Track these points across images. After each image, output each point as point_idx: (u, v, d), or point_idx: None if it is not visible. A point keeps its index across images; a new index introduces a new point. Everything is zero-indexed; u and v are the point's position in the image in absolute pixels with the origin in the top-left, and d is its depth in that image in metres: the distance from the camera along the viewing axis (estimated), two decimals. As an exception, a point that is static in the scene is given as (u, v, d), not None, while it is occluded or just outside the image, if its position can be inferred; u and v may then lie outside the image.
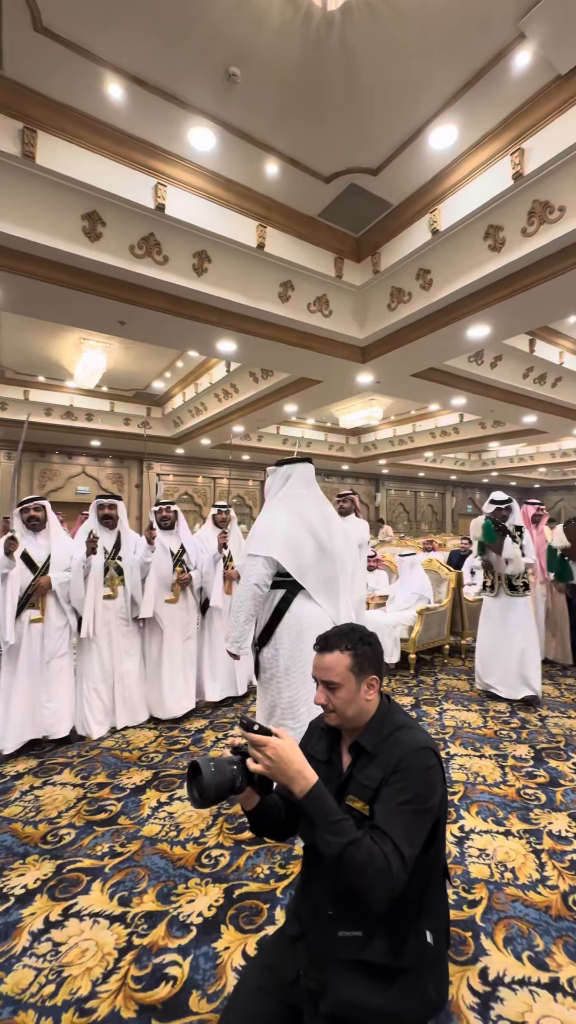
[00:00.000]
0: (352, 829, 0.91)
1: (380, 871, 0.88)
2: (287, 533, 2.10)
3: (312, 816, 0.92)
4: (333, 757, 1.14)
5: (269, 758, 0.93)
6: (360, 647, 1.08)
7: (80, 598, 3.04)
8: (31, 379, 9.22)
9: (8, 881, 1.82)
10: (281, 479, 2.29)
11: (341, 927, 0.98)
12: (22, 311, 4.61)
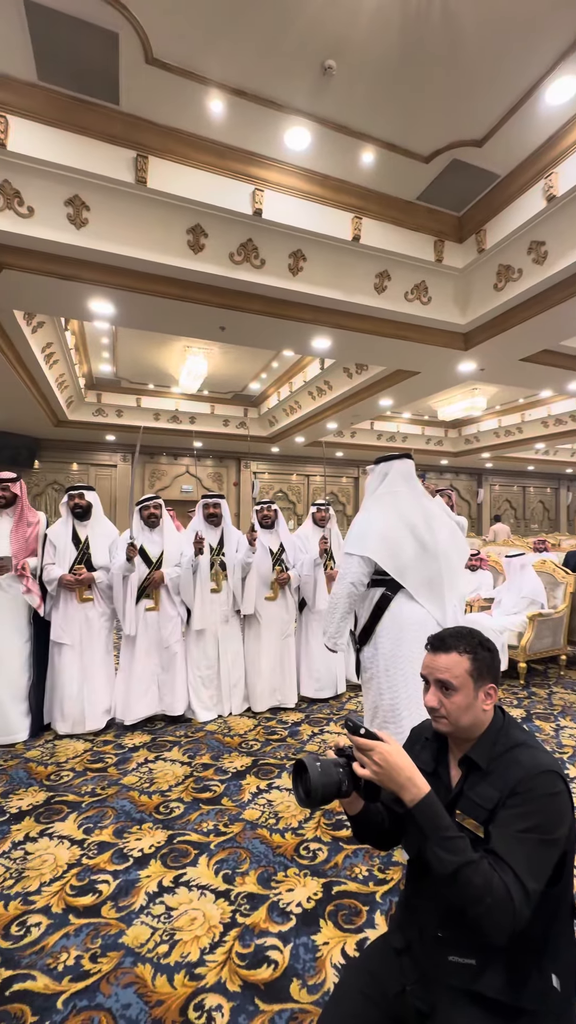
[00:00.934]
0: (468, 848, 0.84)
1: (500, 901, 0.80)
2: (383, 532, 2.06)
3: (423, 828, 0.87)
4: (440, 769, 1.07)
5: (377, 764, 0.89)
6: (480, 651, 1.01)
7: (190, 593, 3.28)
8: (142, 387, 10.06)
9: (128, 843, 2.01)
10: (378, 477, 2.24)
11: (451, 952, 0.91)
12: (135, 325, 5.04)
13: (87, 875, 1.83)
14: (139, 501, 3.36)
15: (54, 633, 3.05)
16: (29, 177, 3.31)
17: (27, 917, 1.63)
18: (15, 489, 3.04)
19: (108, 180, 3.43)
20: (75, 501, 3.18)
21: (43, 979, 1.41)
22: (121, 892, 1.74)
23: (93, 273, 3.93)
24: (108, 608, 3.21)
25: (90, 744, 2.93)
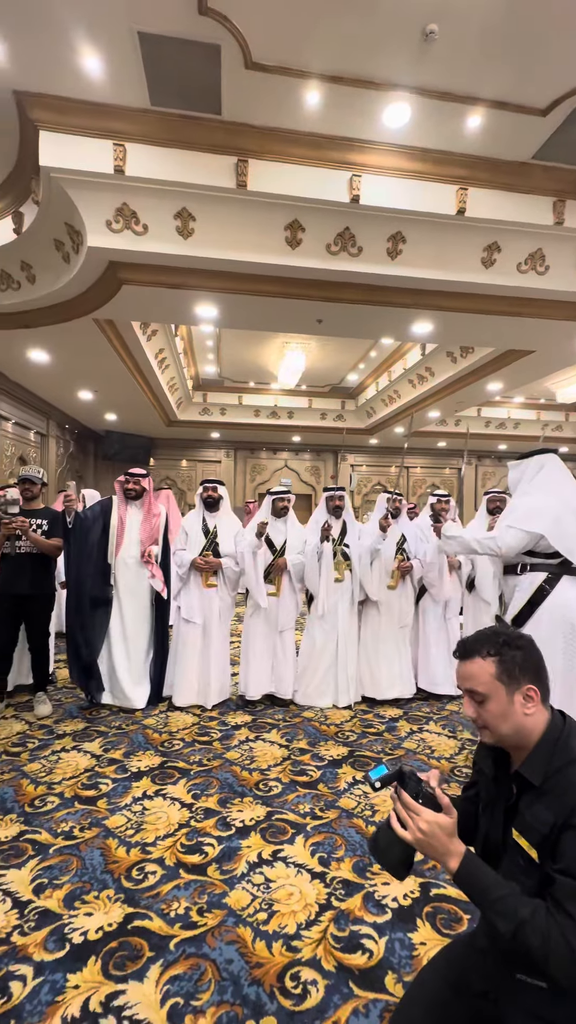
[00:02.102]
0: (519, 905, 0.76)
1: (561, 957, 0.72)
2: (556, 513, 2.13)
3: (471, 897, 0.81)
4: (500, 775, 0.98)
5: (421, 831, 0.84)
6: (507, 651, 0.90)
7: (315, 581, 3.40)
8: (244, 386, 10.49)
9: (231, 813, 2.14)
10: (535, 467, 2.32)
11: (520, 970, 0.84)
12: (237, 325, 5.26)
13: (195, 836, 1.98)
14: (272, 492, 3.55)
15: (184, 612, 3.37)
16: (143, 197, 3.61)
17: (145, 864, 1.82)
18: (144, 483, 3.38)
19: (212, 189, 3.61)
20: (208, 493, 3.46)
21: (158, 921, 1.56)
22: (224, 857, 1.86)
23: (199, 279, 4.18)
24: (230, 595, 3.48)
25: (197, 719, 3.16)
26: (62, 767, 2.51)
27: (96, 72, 3.10)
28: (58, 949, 1.46)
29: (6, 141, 3.67)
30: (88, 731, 2.94)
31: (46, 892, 1.68)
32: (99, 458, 11.53)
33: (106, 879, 1.74)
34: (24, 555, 3.10)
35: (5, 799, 2.22)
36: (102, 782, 2.38)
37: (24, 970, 1.40)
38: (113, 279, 4.10)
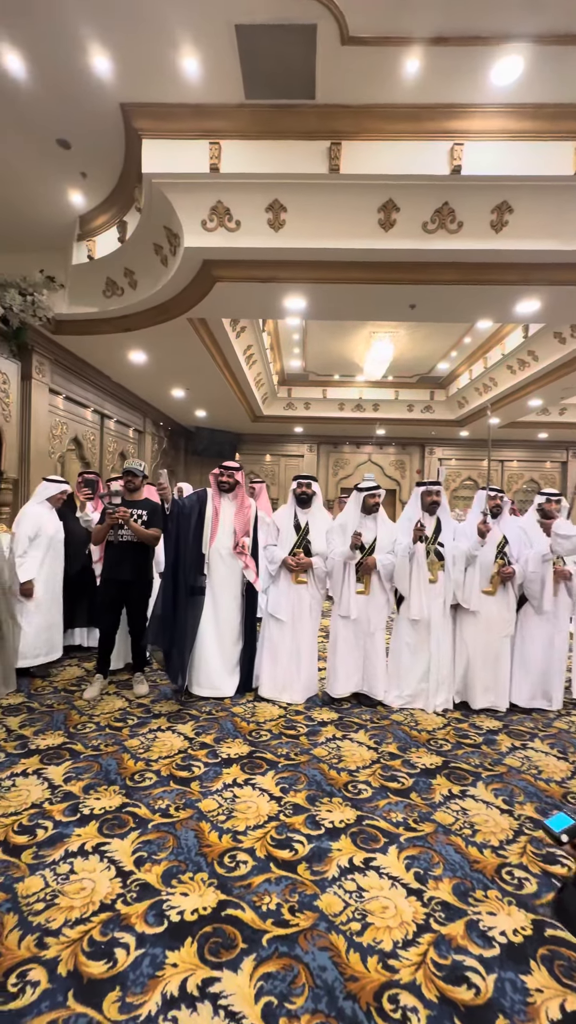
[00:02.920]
0: None
1: None
2: None
3: None
4: None
5: None
6: None
7: (405, 582, 3.27)
8: (328, 379, 10.39)
9: (320, 812, 2.09)
10: None
11: None
12: (324, 316, 5.18)
13: (284, 831, 1.96)
14: (361, 488, 3.45)
15: (271, 607, 3.39)
16: (236, 192, 3.66)
17: (236, 853, 1.83)
18: (238, 476, 3.45)
19: (303, 177, 3.56)
20: (303, 489, 3.45)
21: (250, 913, 1.56)
22: (314, 857, 1.82)
23: (288, 272, 4.16)
24: (320, 592, 3.44)
25: (283, 711, 3.16)
26: (158, 746, 2.63)
27: (194, 73, 3.17)
28: (157, 924, 1.51)
29: (113, 154, 3.91)
30: (181, 713, 3.06)
31: (145, 866, 1.75)
32: (189, 453, 12.11)
33: (200, 862, 1.78)
34: (126, 544, 3.30)
35: (109, 771, 2.37)
36: (195, 765, 2.45)
37: (127, 939, 1.46)
38: (207, 277, 4.21)
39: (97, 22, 2.85)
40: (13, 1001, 1.27)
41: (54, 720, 2.90)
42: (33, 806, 2.07)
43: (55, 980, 1.33)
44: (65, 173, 4.18)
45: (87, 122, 3.59)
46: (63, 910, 1.55)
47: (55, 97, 3.37)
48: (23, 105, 3.46)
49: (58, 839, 1.88)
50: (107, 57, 3.05)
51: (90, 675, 3.64)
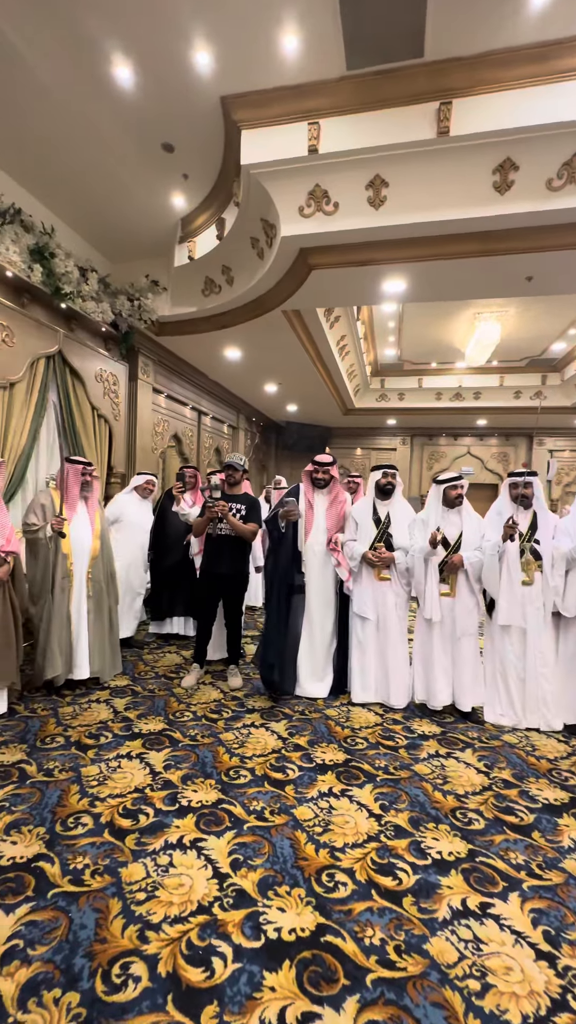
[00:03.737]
0: None
1: None
2: None
3: None
4: None
5: None
6: None
7: (494, 583, 2.95)
8: (425, 367, 9.84)
9: (425, 839, 1.90)
10: None
11: None
12: (426, 298, 4.82)
13: (386, 855, 1.81)
14: (440, 480, 3.17)
15: (356, 605, 3.23)
16: (334, 173, 3.49)
17: (335, 872, 1.72)
18: (333, 471, 3.33)
19: (408, 146, 3.29)
20: (387, 479, 3.25)
21: (352, 944, 1.43)
22: (422, 891, 1.64)
23: (387, 252, 3.91)
24: (404, 590, 3.20)
25: (380, 718, 2.99)
26: (252, 743, 2.61)
27: (293, 52, 3.06)
28: (254, 938, 1.44)
29: (213, 151, 3.95)
30: (274, 711, 3.02)
31: (242, 871, 1.70)
32: (280, 448, 12.22)
33: (296, 875, 1.69)
34: (224, 537, 3.33)
35: (206, 763, 2.39)
36: (289, 767, 2.38)
37: (224, 948, 1.41)
38: (303, 266, 4.11)
39: (200, 15, 2.85)
40: (117, 993, 1.27)
41: (155, 705, 3.02)
42: (136, 790, 2.14)
43: (155, 980, 1.31)
44: (169, 177, 4.31)
45: (189, 122, 3.65)
46: (163, 904, 1.55)
47: (160, 101, 3.46)
48: (131, 114, 3.60)
49: (159, 828, 1.91)
50: (208, 51, 3.05)
51: (188, 664, 3.76)
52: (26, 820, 1.91)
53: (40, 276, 4.25)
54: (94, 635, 3.22)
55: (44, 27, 2.95)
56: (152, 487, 4.06)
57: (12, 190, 4.28)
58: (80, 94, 3.44)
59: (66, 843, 1.80)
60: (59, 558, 3.06)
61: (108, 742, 2.54)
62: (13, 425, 4.14)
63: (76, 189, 4.48)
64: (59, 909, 1.52)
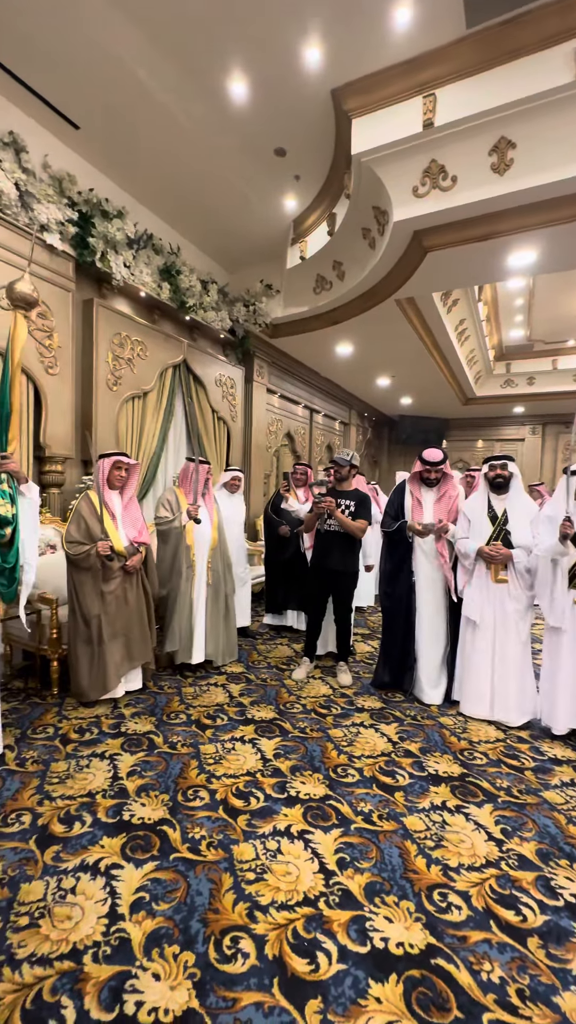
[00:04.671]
0: None
1: None
2: None
3: None
4: None
5: None
6: None
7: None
8: (560, 346, 8.77)
9: (556, 877, 1.69)
10: None
11: None
12: (562, 267, 4.27)
13: (507, 885, 1.64)
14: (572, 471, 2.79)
15: (464, 607, 2.99)
16: (453, 144, 3.25)
17: (447, 892, 1.61)
18: (446, 469, 3.13)
19: (538, 97, 2.94)
20: (496, 472, 2.95)
21: (466, 976, 1.32)
22: (551, 935, 1.46)
23: (514, 221, 3.54)
24: (524, 594, 2.86)
25: (503, 735, 2.73)
26: (361, 743, 2.56)
27: (405, 25, 2.92)
28: (360, 943, 1.41)
29: (324, 147, 3.94)
30: (384, 712, 2.94)
31: (348, 871, 1.68)
32: (392, 443, 11.87)
33: (405, 887, 1.62)
34: (333, 533, 3.32)
35: (314, 756, 2.41)
36: (399, 773, 2.29)
37: (329, 945, 1.40)
38: (417, 250, 3.91)
39: (313, 11, 2.85)
40: (227, 964, 1.34)
41: (267, 694, 3.13)
42: (248, 773, 2.24)
43: (262, 960, 1.35)
44: (281, 181, 4.42)
45: (300, 122, 3.69)
46: (271, 888, 1.60)
47: (272, 108, 3.55)
48: (245, 128, 3.76)
49: (268, 813, 1.97)
50: (318, 46, 3.05)
51: (298, 657, 3.83)
52: (154, 786, 2.12)
53: (168, 293, 4.66)
54: (210, 621, 3.44)
55: (168, 66, 3.20)
56: (239, 483, 4.15)
57: (144, 217, 4.75)
58: (200, 120, 3.68)
59: (186, 812, 1.95)
60: (183, 548, 3.33)
61: (224, 724, 2.70)
62: (146, 429, 4.61)
63: (199, 209, 4.82)
64: (179, 873, 1.65)
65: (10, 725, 2.58)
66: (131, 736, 2.53)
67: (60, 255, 3.67)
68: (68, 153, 4.00)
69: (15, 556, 2.27)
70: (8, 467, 2.26)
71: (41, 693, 3.00)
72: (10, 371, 2.27)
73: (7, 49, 3.15)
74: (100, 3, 2.83)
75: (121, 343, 4.25)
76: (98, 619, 2.80)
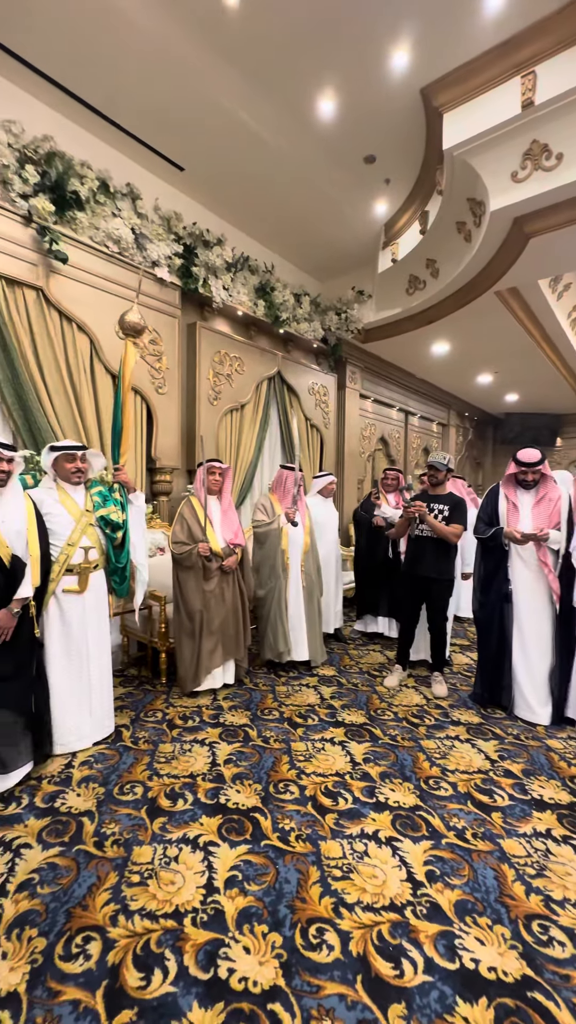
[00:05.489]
0: None
1: None
2: None
3: None
4: None
5: None
6: None
7: None
8: None
9: None
10: None
11: None
12: None
13: (623, 931, 1.48)
14: None
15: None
16: (556, 120, 3.02)
17: (549, 925, 1.49)
18: (544, 469, 2.91)
19: None
20: None
21: (567, 1016, 1.23)
22: None
23: None
24: None
25: (624, 765, 2.43)
26: (455, 757, 2.46)
27: (496, 8, 2.79)
28: (448, 959, 1.37)
29: (414, 147, 3.89)
30: (482, 728, 2.78)
31: (437, 885, 1.64)
32: (497, 443, 11.09)
33: (500, 912, 1.53)
34: (425, 538, 3.23)
35: (404, 765, 2.37)
36: (497, 793, 2.16)
37: (415, 955, 1.38)
38: (518, 237, 3.68)
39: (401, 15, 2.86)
40: (312, 951, 1.39)
41: (358, 699, 3.13)
42: (337, 774, 2.27)
43: (346, 955, 1.38)
44: (371, 187, 4.44)
45: (389, 127, 3.69)
46: (357, 889, 1.61)
47: (361, 118, 3.60)
48: (334, 142, 3.84)
49: (356, 815, 1.98)
50: (405, 48, 3.03)
51: (391, 664, 3.77)
52: (247, 775, 2.24)
53: (263, 309, 4.91)
54: (307, 622, 3.53)
55: (260, 96, 3.41)
56: (333, 487, 4.20)
57: (241, 240, 5.07)
58: (291, 142, 3.85)
59: (277, 804, 2.04)
60: (279, 551, 3.47)
61: (314, 724, 2.77)
62: (244, 440, 4.88)
63: (292, 225, 5.02)
64: (269, 859, 1.73)
65: (126, 707, 2.91)
66: (228, 727, 2.70)
67: (168, 286, 4.07)
68: (174, 193, 4.42)
69: (126, 556, 2.56)
70: (120, 478, 2.57)
71: (152, 681, 3.33)
72: (122, 392, 2.59)
73: (127, 112, 3.60)
74: (198, 53, 3.12)
75: (221, 360, 4.56)
76: (200, 614, 3.04)
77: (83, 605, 2.45)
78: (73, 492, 2.47)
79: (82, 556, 2.43)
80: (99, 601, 2.53)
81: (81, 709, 2.44)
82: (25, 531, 2.18)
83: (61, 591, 2.39)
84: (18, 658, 2.15)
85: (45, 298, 3.24)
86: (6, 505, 2.17)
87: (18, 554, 2.13)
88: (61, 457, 2.44)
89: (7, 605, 2.09)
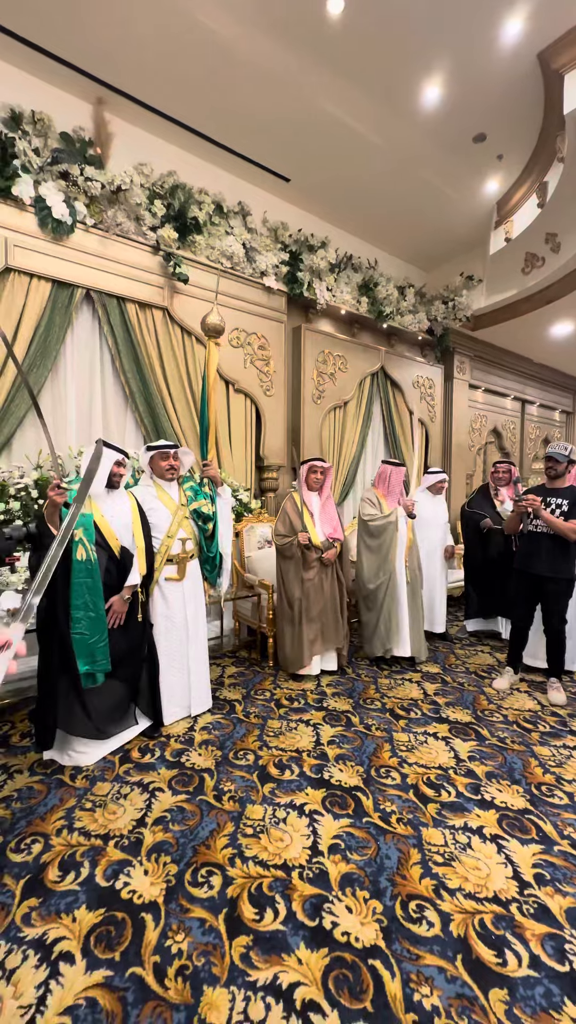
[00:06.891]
0: None
1: None
2: None
3: None
4: None
5: None
6: None
7: None
8: None
9: None
10: None
11: None
12: None
13: None
14: None
15: None
16: None
17: None
18: None
19: None
20: None
21: None
22: None
23: None
24: None
25: None
26: (573, 767, 2.30)
27: None
28: (557, 960, 1.34)
29: (531, 117, 3.64)
30: (608, 742, 2.55)
31: (547, 889, 1.58)
32: None
33: (621, 928, 1.44)
34: (540, 534, 3.03)
35: (514, 768, 2.28)
36: (623, 810, 1.99)
37: (520, 949, 1.37)
38: None
39: (509, -14, 2.72)
40: (412, 924, 1.45)
41: (464, 698, 3.05)
42: (440, 768, 2.26)
43: (447, 934, 1.41)
44: (481, 167, 4.22)
45: (502, 100, 3.49)
46: (459, 876, 1.63)
47: (471, 95, 3.46)
48: (441, 125, 3.74)
49: (459, 808, 1.97)
50: (518, 15, 2.86)
51: (501, 666, 3.59)
52: (349, 757, 2.34)
53: (366, 306, 4.93)
54: (411, 617, 3.52)
55: (359, 94, 3.45)
56: (444, 485, 4.07)
57: (343, 240, 5.14)
58: (394, 134, 3.83)
59: (378, 786, 2.11)
60: (392, 546, 3.49)
61: (417, 718, 2.76)
62: (347, 437, 4.96)
63: (395, 218, 4.97)
64: (370, 835, 1.82)
65: (237, 685, 3.18)
66: (331, 711, 2.82)
67: (275, 293, 4.30)
68: (280, 203, 4.65)
69: (216, 546, 2.78)
70: (209, 473, 2.78)
71: (260, 664, 3.58)
72: (207, 390, 2.79)
73: (237, 135, 3.89)
74: (303, 66, 3.26)
75: (324, 360, 4.69)
76: (300, 602, 3.20)
77: (182, 591, 2.70)
78: (168, 488, 2.72)
79: (180, 547, 2.69)
80: (196, 587, 2.77)
81: (182, 683, 2.71)
82: (131, 525, 2.46)
83: (163, 579, 2.66)
84: (131, 639, 2.43)
85: (170, 316, 3.65)
86: (115, 503, 2.46)
87: (126, 546, 2.42)
88: (156, 455, 2.69)
89: (119, 592, 2.38)
